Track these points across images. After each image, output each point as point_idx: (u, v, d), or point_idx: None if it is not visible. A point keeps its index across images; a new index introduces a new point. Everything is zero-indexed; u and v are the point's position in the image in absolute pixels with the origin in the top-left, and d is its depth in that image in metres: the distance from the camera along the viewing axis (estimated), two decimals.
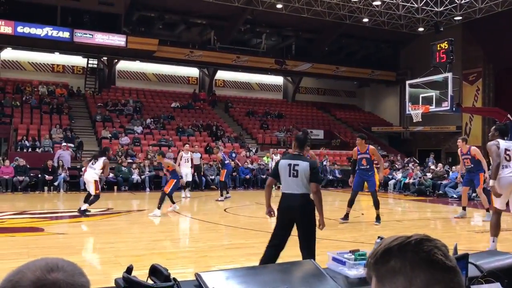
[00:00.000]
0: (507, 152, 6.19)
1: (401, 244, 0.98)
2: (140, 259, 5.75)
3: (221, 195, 14.10)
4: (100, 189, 10.51)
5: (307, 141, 5.38)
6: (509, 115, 14.50)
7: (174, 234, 8.43)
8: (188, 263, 5.88)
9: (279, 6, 23.34)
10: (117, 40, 23.37)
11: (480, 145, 25.31)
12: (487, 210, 9.27)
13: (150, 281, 1.95)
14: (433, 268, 0.94)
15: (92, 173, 10.38)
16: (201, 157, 18.27)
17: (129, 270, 1.91)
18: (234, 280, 1.98)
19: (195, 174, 17.40)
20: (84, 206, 10.11)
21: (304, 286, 2.04)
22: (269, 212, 4.96)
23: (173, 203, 10.89)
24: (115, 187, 17.26)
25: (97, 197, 10.31)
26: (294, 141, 5.03)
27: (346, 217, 9.43)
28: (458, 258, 2.24)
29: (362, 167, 9.34)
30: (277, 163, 4.92)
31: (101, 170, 10.53)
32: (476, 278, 2.47)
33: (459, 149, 10.14)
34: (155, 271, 1.99)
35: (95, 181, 10.31)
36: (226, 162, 14.70)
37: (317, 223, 4.72)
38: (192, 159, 15.43)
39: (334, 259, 2.35)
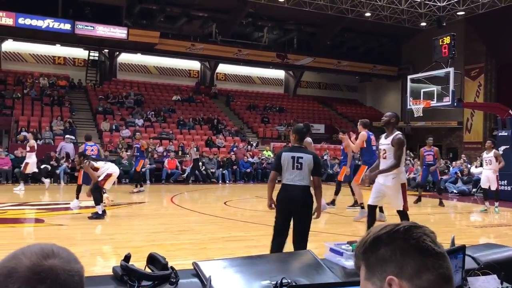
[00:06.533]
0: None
1: (390, 232, 0.98)
2: (140, 250, 5.75)
3: (136, 186, 14.06)
4: None
5: (307, 133, 5.35)
6: (510, 111, 14.45)
7: (174, 226, 8.43)
8: (187, 254, 5.89)
9: None
10: (118, 32, 23.33)
11: (481, 141, 25.39)
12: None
13: (148, 270, 1.95)
14: (423, 254, 0.95)
15: None
16: (197, 151, 18.24)
17: (127, 258, 1.91)
18: (231, 269, 1.99)
19: (194, 167, 17.54)
20: None
21: (301, 276, 2.04)
22: (270, 205, 4.88)
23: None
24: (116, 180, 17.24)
25: None
26: (294, 133, 4.99)
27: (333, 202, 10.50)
28: (455, 250, 2.24)
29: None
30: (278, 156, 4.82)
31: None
32: (473, 270, 2.47)
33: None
34: (153, 260, 1.99)
35: None
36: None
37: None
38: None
39: (332, 250, 2.36)
